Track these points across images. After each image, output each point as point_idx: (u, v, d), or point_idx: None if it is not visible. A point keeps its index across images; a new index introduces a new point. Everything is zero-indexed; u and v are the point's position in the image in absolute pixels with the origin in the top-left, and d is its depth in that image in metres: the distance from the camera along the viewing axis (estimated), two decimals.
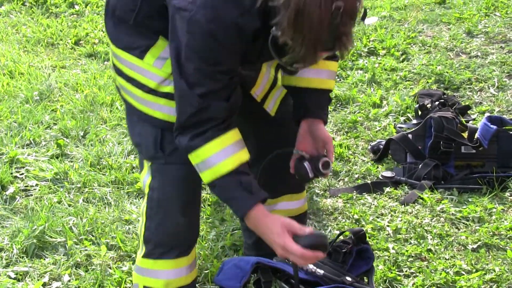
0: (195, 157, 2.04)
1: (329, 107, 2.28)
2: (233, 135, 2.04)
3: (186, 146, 2.03)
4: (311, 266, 2.18)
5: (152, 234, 2.24)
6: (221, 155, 2.01)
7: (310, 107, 2.21)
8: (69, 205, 3.05)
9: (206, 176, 2.04)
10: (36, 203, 3.07)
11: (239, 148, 2.04)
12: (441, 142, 3.23)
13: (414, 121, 3.61)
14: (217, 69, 1.96)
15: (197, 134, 2.01)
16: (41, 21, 5.07)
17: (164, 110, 2.13)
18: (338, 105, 3.88)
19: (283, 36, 1.79)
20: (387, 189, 3.14)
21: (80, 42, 4.78)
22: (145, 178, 2.25)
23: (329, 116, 3.55)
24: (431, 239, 2.80)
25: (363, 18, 1.83)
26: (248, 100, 2.20)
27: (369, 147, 3.48)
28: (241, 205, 2.01)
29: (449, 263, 2.67)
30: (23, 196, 3.14)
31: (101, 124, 3.71)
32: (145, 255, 2.26)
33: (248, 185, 2.01)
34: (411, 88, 4.01)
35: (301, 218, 2.51)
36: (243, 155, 2.04)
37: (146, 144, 2.20)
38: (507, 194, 3.07)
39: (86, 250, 2.78)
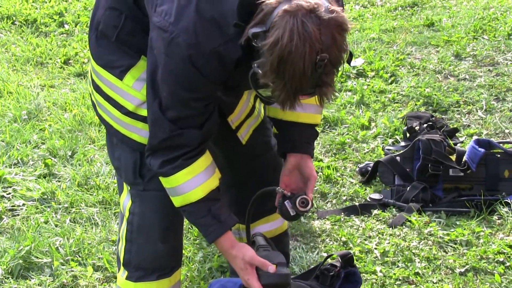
0: (165, 182, 2.06)
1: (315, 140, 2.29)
2: (203, 161, 2.04)
3: (157, 171, 2.05)
4: None
5: (132, 258, 2.24)
6: (191, 183, 2.02)
7: (297, 141, 2.20)
8: (56, 225, 3.03)
9: (176, 201, 2.07)
10: (23, 223, 3.04)
11: (210, 175, 2.05)
12: (429, 165, 3.24)
13: (402, 144, 3.62)
14: (193, 96, 1.93)
15: (168, 160, 2.01)
16: (31, 40, 5.07)
17: (141, 134, 2.12)
18: (327, 127, 3.89)
19: (264, 78, 1.77)
20: (375, 212, 3.15)
21: (69, 61, 4.78)
22: (125, 201, 2.24)
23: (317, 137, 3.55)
24: (418, 262, 2.80)
25: (348, 61, 1.82)
26: (222, 125, 2.18)
27: (357, 169, 3.48)
28: (209, 232, 2.05)
29: (437, 286, 2.67)
30: (10, 216, 3.12)
31: (89, 144, 3.69)
32: (127, 278, 2.25)
33: (217, 212, 2.04)
34: (399, 110, 4.03)
35: (281, 238, 2.51)
36: (213, 182, 2.06)
37: (125, 169, 2.20)
38: (495, 217, 3.08)
39: (72, 271, 2.76)
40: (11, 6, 5.56)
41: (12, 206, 3.17)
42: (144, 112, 2.08)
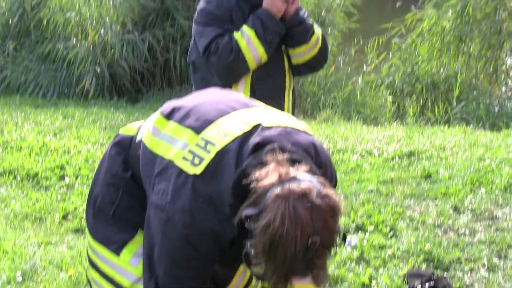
0: None
1: None
2: None
3: None
4: None
5: None
6: None
7: None
8: None
9: None
10: None
11: None
12: None
13: None
14: (189, 274, 1.92)
15: None
16: (31, 195, 5.09)
17: None
18: (327, 286, 3.81)
19: (256, 259, 1.77)
20: None
21: (68, 216, 4.78)
22: None
23: None
24: None
25: (343, 240, 1.83)
26: None
27: None
28: None
29: None
30: None
31: None
32: None
33: None
34: (400, 267, 3.96)
35: None
36: None
37: None
38: None
39: None
40: (14, 161, 5.65)
41: None
42: None
